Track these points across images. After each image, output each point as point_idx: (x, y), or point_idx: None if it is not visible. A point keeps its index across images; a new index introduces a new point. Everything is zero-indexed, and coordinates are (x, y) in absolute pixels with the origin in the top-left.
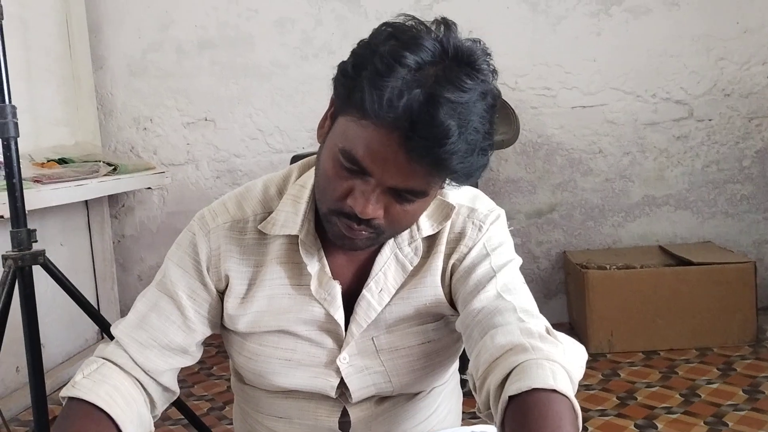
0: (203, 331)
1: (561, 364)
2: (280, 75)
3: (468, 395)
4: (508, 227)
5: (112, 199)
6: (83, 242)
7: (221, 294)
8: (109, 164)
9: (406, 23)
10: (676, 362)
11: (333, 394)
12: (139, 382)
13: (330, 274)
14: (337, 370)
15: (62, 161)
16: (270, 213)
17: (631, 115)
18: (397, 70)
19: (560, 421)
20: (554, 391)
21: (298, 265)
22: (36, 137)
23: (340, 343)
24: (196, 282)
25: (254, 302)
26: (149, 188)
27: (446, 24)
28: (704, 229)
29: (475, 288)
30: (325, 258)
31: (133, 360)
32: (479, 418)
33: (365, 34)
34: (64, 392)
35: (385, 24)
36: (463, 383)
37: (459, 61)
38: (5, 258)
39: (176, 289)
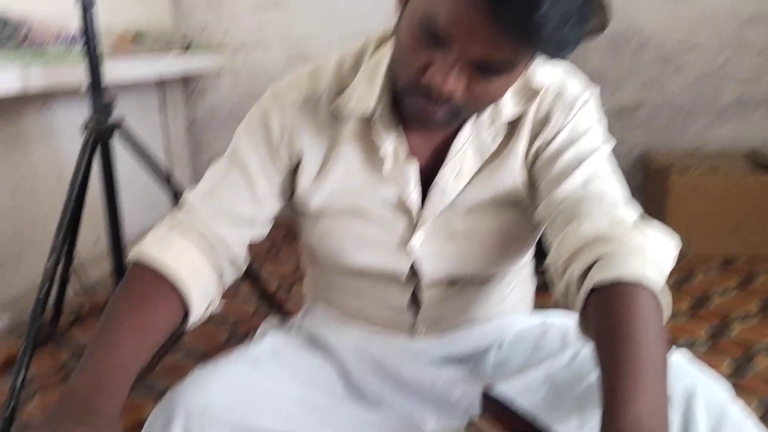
0: (272, 205)
1: (650, 255)
2: None
3: (540, 289)
4: (602, 107)
5: (184, 80)
6: (157, 123)
7: (292, 172)
8: (182, 42)
9: None
10: (755, 271)
11: (404, 275)
12: (207, 250)
13: (406, 154)
14: (409, 253)
15: (137, 37)
16: (344, 89)
17: (732, 8)
18: None
19: (646, 313)
20: (641, 283)
21: (373, 143)
22: (111, 13)
23: (413, 226)
24: (267, 156)
25: (327, 181)
26: (220, 71)
27: None
28: None
29: (560, 175)
30: (401, 137)
31: (203, 228)
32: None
33: None
34: (131, 256)
35: None
36: (536, 273)
37: None
38: (85, 126)
39: (247, 162)
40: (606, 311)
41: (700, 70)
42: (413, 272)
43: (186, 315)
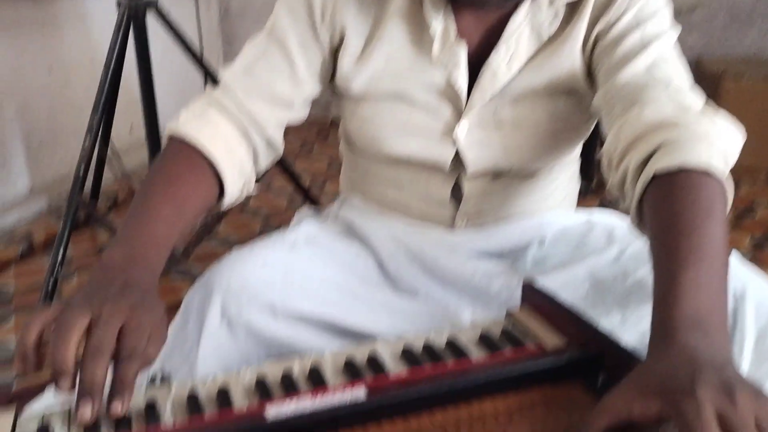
0: (311, 85)
1: (717, 143)
2: None
3: (583, 193)
4: None
5: None
6: (190, 13)
7: (334, 51)
8: None
9: None
10: None
11: (447, 165)
12: (242, 130)
13: (455, 35)
14: (454, 141)
15: None
16: None
17: None
18: None
19: (711, 203)
20: (708, 171)
21: (421, 22)
22: None
23: (459, 113)
24: (308, 33)
25: (370, 61)
26: None
27: None
28: None
29: (623, 59)
30: (451, 16)
31: (240, 106)
32: None
33: None
34: (167, 131)
35: None
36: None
37: None
38: (119, 2)
39: (286, 38)
40: (668, 199)
41: None
42: (456, 163)
43: (221, 195)
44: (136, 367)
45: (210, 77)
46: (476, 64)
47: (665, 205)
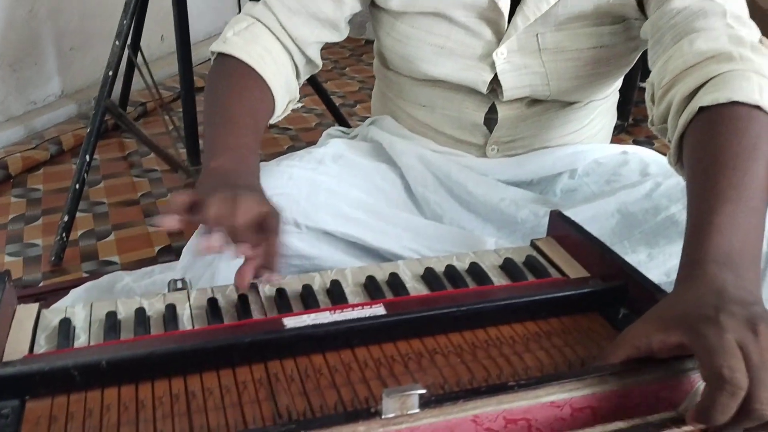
0: (352, 3)
1: None
2: None
3: (619, 130)
4: None
5: None
6: None
7: None
8: None
9: None
10: None
11: (484, 89)
12: (287, 48)
13: None
14: (492, 65)
15: None
16: None
17: None
18: None
19: (758, 140)
20: (759, 106)
21: None
22: None
23: (500, 36)
24: None
25: None
26: None
27: None
28: None
29: None
30: None
31: (282, 25)
32: None
33: None
34: (215, 47)
35: None
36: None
37: None
38: None
39: None
40: (711, 133)
41: None
42: (493, 87)
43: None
44: (278, 241)
45: None
46: None
47: (708, 139)
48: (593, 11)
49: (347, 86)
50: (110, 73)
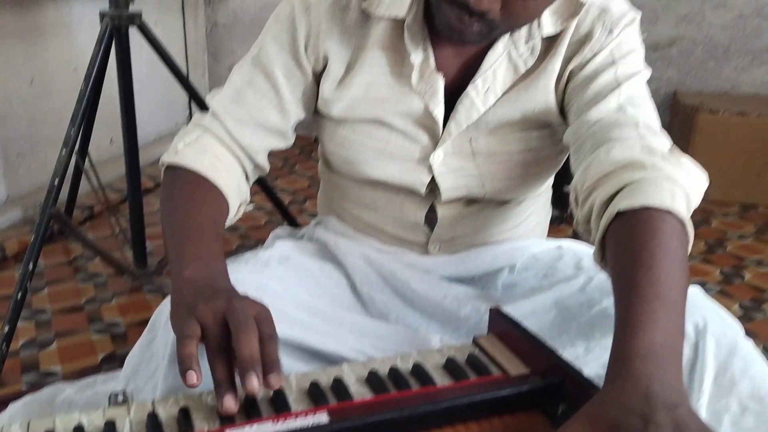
0: (297, 113)
1: (681, 186)
2: None
3: (552, 222)
4: (642, 34)
5: None
6: (176, 25)
7: (318, 76)
8: None
9: None
10: None
11: (423, 190)
12: (236, 155)
13: (434, 66)
14: (430, 168)
15: None
16: None
17: None
18: None
19: (670, 241)
20: (670, 211)
21: (400, 52)
22: None
23: (436, 140)
24: (293, 61)
25: (351, 87)
26: None
27: None
28: None
29: (594, 97)
30: (430, 48)
31: (231, 135)
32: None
33: None
34: (167, 159)
35: None
36: (553, 203)
37: None
38: (102, 15)
39: (272, 66)
40: (629, 235)
41: (741, 8)
42: (432, 188)
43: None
44: (277, 345)
45: (194, 96)
46: (454, 94)
47: (627, 241)
48: (521, 118)
49: (297, 183)
50: (56, 181)
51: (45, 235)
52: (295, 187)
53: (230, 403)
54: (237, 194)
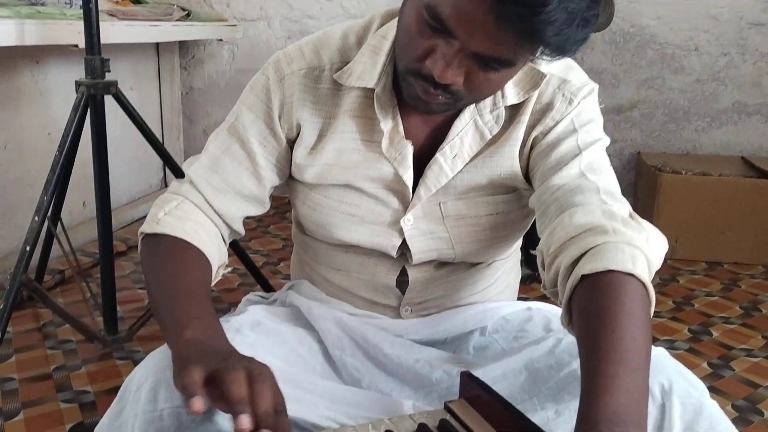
0: (272, 179)
1: (642, 250)
2: None
3: (524, 281)
4: (600, 105)
5: (183, 50)
6: (152, 90)
7: (291, 143)
8: (183, 9)
9: None
10: (740, 276)
11: (394, 253)
12: (214, 220)
13: (403, 134)
14: (400, 231)
15: (137, 1)
16: (347, 63)
17: (736, 12)
18: None
19: (633, 304)
20: (631, 275)
21: (371, 120)
22: None
23: (406, 205)
24: (267, 129)
25: (323, 154)
26: (220, 40)
27: None
28: None
29: (557, 164)
30: (399, 116)
31: (209, 203)
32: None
33: None
34: (148, 229)
35: None
36: (522, 265)
37: None
38: (78, 84)
39: (248, 134)
40: (593, 299)
41: (700, 72)
42: (403, 251)
43: None
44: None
45: (168, 163)
46: (422, 160)
47: (591, 304)
48: (488, 183)
49: (271, 244)
50: (27, 248)
51: (14, 303)
52: (269, 248)
53: (198, 403)
54: (218, 258)
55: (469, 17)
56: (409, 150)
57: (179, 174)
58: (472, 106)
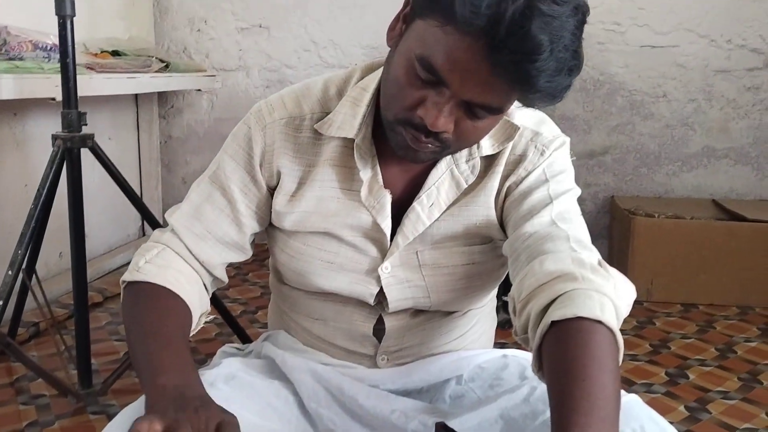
0: (253, 226)
1: (610, 297)
2: None
3: (502, 326)
4: (571, 157)
5: (161, 99)
6: (131, 139)
7: (272, 190)
8: (162, 61)
9: None
10: (715, 317)
11: (371, 301)
12: (196, 268)
13: (381, 183)
14: (378, 279)
15: (115, 53)
16: (328, 113)
17: (702, 59)
18: None
19: (602, 352)
20: (600, 322)
21: (350, 169)
22: (91, 28)
23: (383, 253)
24: (248, 176)
25: (302, 201)
26: (199, 90)
27: None
28: (763, 186)
29: (528, 212)
30: (378, 166)
31: (190, 251)
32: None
33: None
34: (129, 277)
35: None
36: (499, 310)
37: None
38: (55, 138)
39: (229, 182)
40: (562, 347)
41: (669, 118)
42: (380, 299)
43: None
44: None
45: (145, 215)
46: (400, 209)
47: (560, 353)
48: (464, 232)
49: (249, 292)
50: (0, 302)
51: None
52: (248, 296)
53: None
54: (199, 306)
55: (463, 66)
56: (388, 199)
57: (156, 225)
58: (449, 156)
